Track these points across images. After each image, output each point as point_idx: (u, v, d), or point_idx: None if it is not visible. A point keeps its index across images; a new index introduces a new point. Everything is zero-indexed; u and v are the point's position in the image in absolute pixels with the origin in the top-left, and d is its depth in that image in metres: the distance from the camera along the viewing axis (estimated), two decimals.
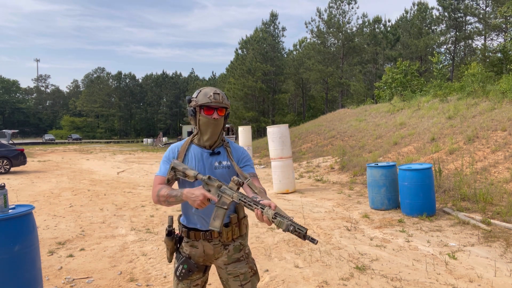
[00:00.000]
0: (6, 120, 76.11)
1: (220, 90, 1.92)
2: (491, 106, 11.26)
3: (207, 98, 1.85)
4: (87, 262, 4.34)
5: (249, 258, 1.99)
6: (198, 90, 1.93)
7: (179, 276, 1.90)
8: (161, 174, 1.92)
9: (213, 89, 1.89)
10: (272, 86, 42.96)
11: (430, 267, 3.89)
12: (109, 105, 79.38)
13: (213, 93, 1.86)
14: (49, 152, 29.21)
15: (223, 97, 1.89)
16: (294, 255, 4.38)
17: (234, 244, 1.95)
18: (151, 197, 1.88)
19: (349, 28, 39.60)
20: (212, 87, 1.93)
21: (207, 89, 1.91)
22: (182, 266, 1.89)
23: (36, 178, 12.73)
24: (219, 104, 1.86)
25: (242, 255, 1.96)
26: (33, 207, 3.05)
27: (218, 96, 1.86)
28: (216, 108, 1.87)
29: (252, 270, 1.97)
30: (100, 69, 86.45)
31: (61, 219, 6.57)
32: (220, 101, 1.86)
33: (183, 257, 1.91)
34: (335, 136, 16.68)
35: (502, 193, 6.40)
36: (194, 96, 1.91)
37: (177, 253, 1.97)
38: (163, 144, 42.40)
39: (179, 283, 1.93)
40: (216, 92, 1.87)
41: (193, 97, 1.91)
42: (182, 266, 1.89)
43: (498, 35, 35.34)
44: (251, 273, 1.95)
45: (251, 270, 1.96)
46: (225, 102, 1.90)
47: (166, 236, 1.95)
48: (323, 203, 7.49)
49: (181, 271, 1.89)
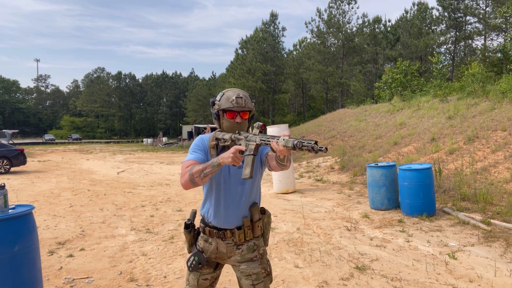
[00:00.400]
0: (6, 120, 76.09)
1: (243, 93, 1.92)
2: (491, 106, 11.26)
3: (229, 102, 1.86)
4: (87, 262, 4.34)
5: (263, 259, 2.00)
6: (222, 93, 1.93)
7: (189, 266, 1.98)
8: (191, 158, 1.89)
9: (236, 92, 1.90)
10: (272, 86, 43.00)
11: (430, 267, 3.89)
12: (109, 105, 79.35)
13: (236, 97, 1.87)
14: (49, 152, 29.22)
15: (246, 101, 1.89)
16: (294, 255, 4.38)
17: (248, 244, 1.98)
18: (181, 183, 1.83)
19: (349, 28, 39.63)
20: (235, 90, 1.93)
21: (230, 92, 1.91)
22: (193, 257, 1.97)
23: (36, 178, 12.73)
24: (242, 108, 1.87)
25: (255, 255, 1.98)
26: (33, 207, 3.05)
27: (240, 100, 1.87)
28: (239, 112, 1.88)
29: (266, 271, 1.99)
30: (100, 69, 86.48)
31: (61, 219, 6.57)
32: (242, 105, 1.87)
33: (196, 250, 1.99)
34: (335, 136, 16.68)
35: (502, 193, 6.40)
36: (218, 99, 1.92)
37: (194, 246, 2.04)
38: (163, 144, 42.38)
39: (190, 274, 2.02)
40: (239, 96, 1.87)
41: (216, 100, 1.92)
42: (194, 258, 1.97)
43: (498, 35, 35.33)
44: (264, 274, 1.98)
45: (265, 271, 1.98)
46: (248, 106, 1.90)
47: (184, 229, 2.03)
48: (323, 203, 7.49)
49: (192, 262, 1.97)
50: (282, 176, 8.91)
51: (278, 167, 1.76)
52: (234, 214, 1.94)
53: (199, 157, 1.89)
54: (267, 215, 2.06)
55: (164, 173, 13.75)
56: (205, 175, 1.74)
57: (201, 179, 1.76)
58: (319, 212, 6.71)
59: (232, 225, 1.94)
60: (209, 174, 1.74)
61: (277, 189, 9.00)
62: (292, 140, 1.51)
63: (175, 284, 3.66)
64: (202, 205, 2.04)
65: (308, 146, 1.45)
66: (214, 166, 1.72)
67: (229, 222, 1.94)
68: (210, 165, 1.73)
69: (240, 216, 1.95)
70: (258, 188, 2.05)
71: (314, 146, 1.44)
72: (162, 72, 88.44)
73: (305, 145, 1.46)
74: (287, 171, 8.93)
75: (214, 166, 1.72)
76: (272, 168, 1.85)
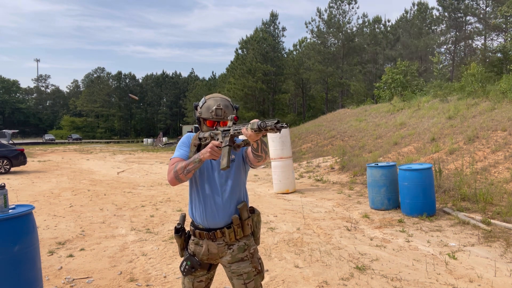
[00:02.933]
0: (6, 120, 76.07)
1: (224, 102, 1.96)
2: (491, 106, 11.26)
3: (209, 113, 1.93)
4: (87, 262, 4.34)
5: (254, 258, 2.02)
6: (204, 100, 1.98)
7: (183, 271, 2.00)
8: (176, 156, 1.98)
9: (217, 102, 1.95)
10: (272, 86, 42.96)
11: (430, 267, 3.89)
12: (109, 105, 79.30)
13: (215, 108, 1.92)
14: (49, 152, 29.21)
15: (225, 112, 1.94)
16: (294, 255, 4.38)
17: (238, 244, 1.99)
18: (168, 179, 1.94)
19: (349, 28, 39.64)
20: (217, 98, 1.98)
21: (211, 101, 1.96)
22: (186, 262, 1.99)
23: (36, 178, 12.73)
24: (221, 119, 1.93)
25: (246, 255, 2.00)
26: (33, 207, 3.05)
27: (220, 111, 1.92)
28: (218, 121, 1.94)
29: (256, 269, 2.01)
30: (100, 69, 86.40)
31: (61, 219, 6.57)
32: (221, 117, 1.93)
33: (187, 254, 2.01)
34: (335, 136, 16.68)
35: (502, 193, 6.40)
36: (200, 105, 1.98)
37: (186, 250, 2.06)
38: (163, 144, 42.39)
39: (185, 278, 2.04)
40: (219, 107, 1.92)
41: (198, 107, 1.99)
42: (186, 262, 1.98)
43: (498, 35, 35.29)
44: (255, 272, 2.00)
45: (255, 269, 2.00)
46: (228, 118, 1.93)
47: (174, 233, 2.05)
48: (323, 203, 7.49)
49: (184, 267, 1.99)
50: (282, 176, 8.91)
51: (255, 159, 1.84)
52: (221, 211, 1.95)
53: (184, 154, 1.97)
54: (256, 213, 2.08)
55: (164, 173, 13.75)
56: (188, 171, 1.84)
57: (185, 175, 1.86)
58: (319, 212, 6.71)
59: (221, 224, 1.95)
60: (192, 170, 1.84)
61: (277, 189, 9.00)
62: (257, 122, 1.63)
63: (175, 284, 3.66)
64: (189, 208, 2.06)
65: (271, 125, 1.58)
66: (196, 162, 1.83)
67: (218, 220, 1.95)
68: (192, 161, 1.83)
69: (228, 214, 1.96)
70: (243, 186, 2.07)
71: (276, 125, 1.57)
72: (162, 72, 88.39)
73: (268, 124, 1.58)
74: (287, 171, 8.94)
75: (196, 162, 1.83)
76: (251, 162, 1.93)
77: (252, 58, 40.28)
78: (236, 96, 39.95)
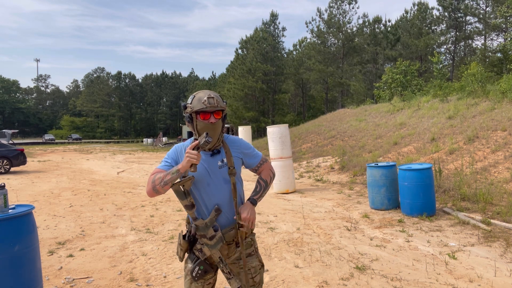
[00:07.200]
0: (6, 120, 76.11)
1: (214, 93, 1.93)
2: (491, 106, 11.26)
3: (201, 103, 1.87)
4: (87, 262, 4.34)
5: (258, 252, 2.10)
6: (192, 96, 1.94)
7: (195, 276, 1.93)
8: (158, 167, 1.96)
9: (206, 93, 1.91)
10: (272, 86, 42.94)
11: (430, 267, 3.89)
12: (109, 105, 79.37)
13: (207, 97, 1.87)
14: (49, 152, 29.21)
15: (217, 100, 1.90)
16: (294, 255, 4.38)
17: (246, 241, 2.03)
18: (146, 192, 1.91)
19: (350, 28, 39.63)
20: (205, 91, 1.94)
21: (201, 93, 1.92)
22: (198, 267, 1.93)
23: (36, 178, 12.73)
24: (214, 108, 1.88)
25: (252, 250, 2.06)
26: (33, 207, 3.05)
27: (212, 100, 1.87)
28: (212, 112, 1.89)
29: (260, 262, 2.09)
30: (100, 69, 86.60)
31: (61, 219, 6.57)
32: (215, 105, 1.87)
33: (198, 259, 1.94)
34: (335, 136, 16.68)
35: (502, 193, 6.40)
36: (189, 102, 1.92)
37: (191, 254, 2.00)
38: (163, 144, 42.40)
39: (193, 283, 1.97)
40: (210, 96, 1.88)
41: (188, 104, 1.92)
42: (199, 267, 1.93)
43: (498, 35, 35.33)
44: (260, 266, 2.08)
45: (260, 262, 2.09)
46: (221, 105, 1.91)
47: (182, 238, 1.99)
48: (323, 203, 7.49)
49: (197, 272, 1.93)
50: (282, 176, 8.90)
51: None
52: (228, 213, 1.95)
53: (165, 166, 1.94)
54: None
55: None
56: (165, 183, 1.81)
57: (162, 187, 1.83)
58: (319, 212, 6.71)
59: (227, 225, 1.95)
60: (169, 182, 1.81)
61: (277, 189, 9.00)
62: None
63: (175, 284, 3.66)
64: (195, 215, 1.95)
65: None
66: (173, 173, 1.80)
67: (227, 223, 1.95)
68: (170, 172, 1.81)
69: (232, 215, 1.96)
70: (240, 184, 2.07)
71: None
72: (162, 72, 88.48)
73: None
74: (287, 171, 8.94)
75: (173, 173, 1.80)
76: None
77: (252, 58, 40.25)
78: (236, 96, 39.93)
